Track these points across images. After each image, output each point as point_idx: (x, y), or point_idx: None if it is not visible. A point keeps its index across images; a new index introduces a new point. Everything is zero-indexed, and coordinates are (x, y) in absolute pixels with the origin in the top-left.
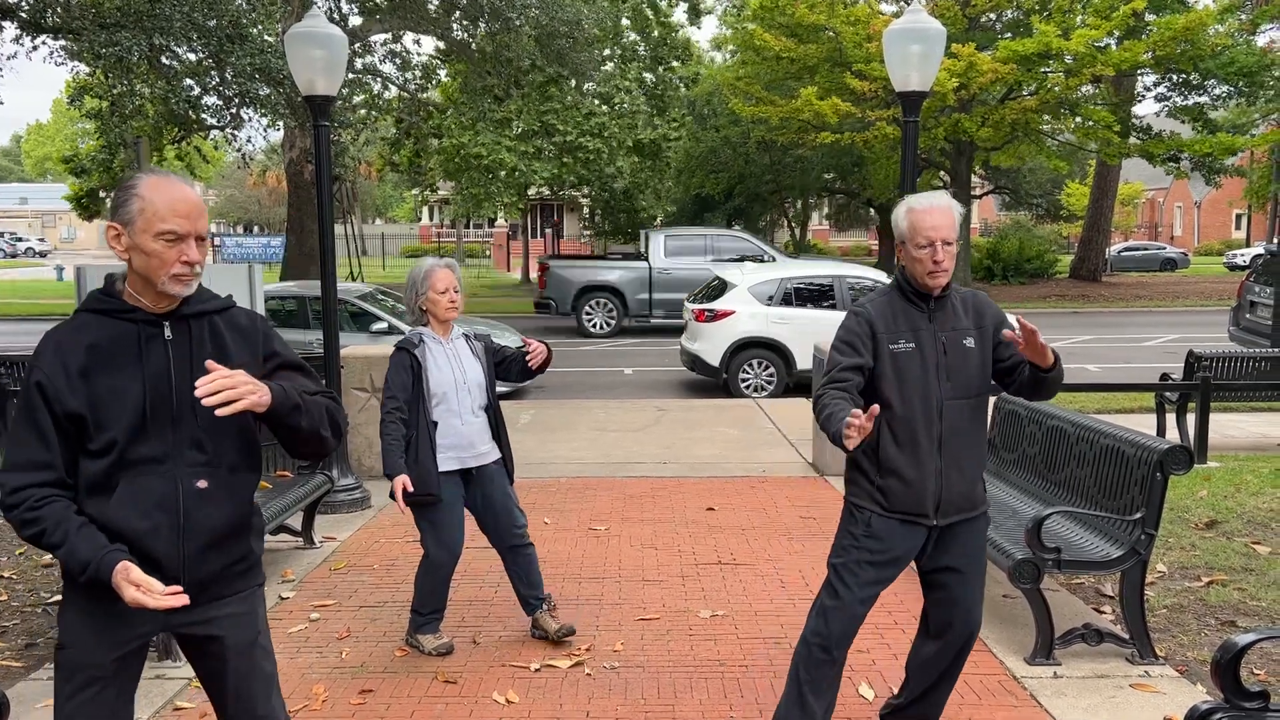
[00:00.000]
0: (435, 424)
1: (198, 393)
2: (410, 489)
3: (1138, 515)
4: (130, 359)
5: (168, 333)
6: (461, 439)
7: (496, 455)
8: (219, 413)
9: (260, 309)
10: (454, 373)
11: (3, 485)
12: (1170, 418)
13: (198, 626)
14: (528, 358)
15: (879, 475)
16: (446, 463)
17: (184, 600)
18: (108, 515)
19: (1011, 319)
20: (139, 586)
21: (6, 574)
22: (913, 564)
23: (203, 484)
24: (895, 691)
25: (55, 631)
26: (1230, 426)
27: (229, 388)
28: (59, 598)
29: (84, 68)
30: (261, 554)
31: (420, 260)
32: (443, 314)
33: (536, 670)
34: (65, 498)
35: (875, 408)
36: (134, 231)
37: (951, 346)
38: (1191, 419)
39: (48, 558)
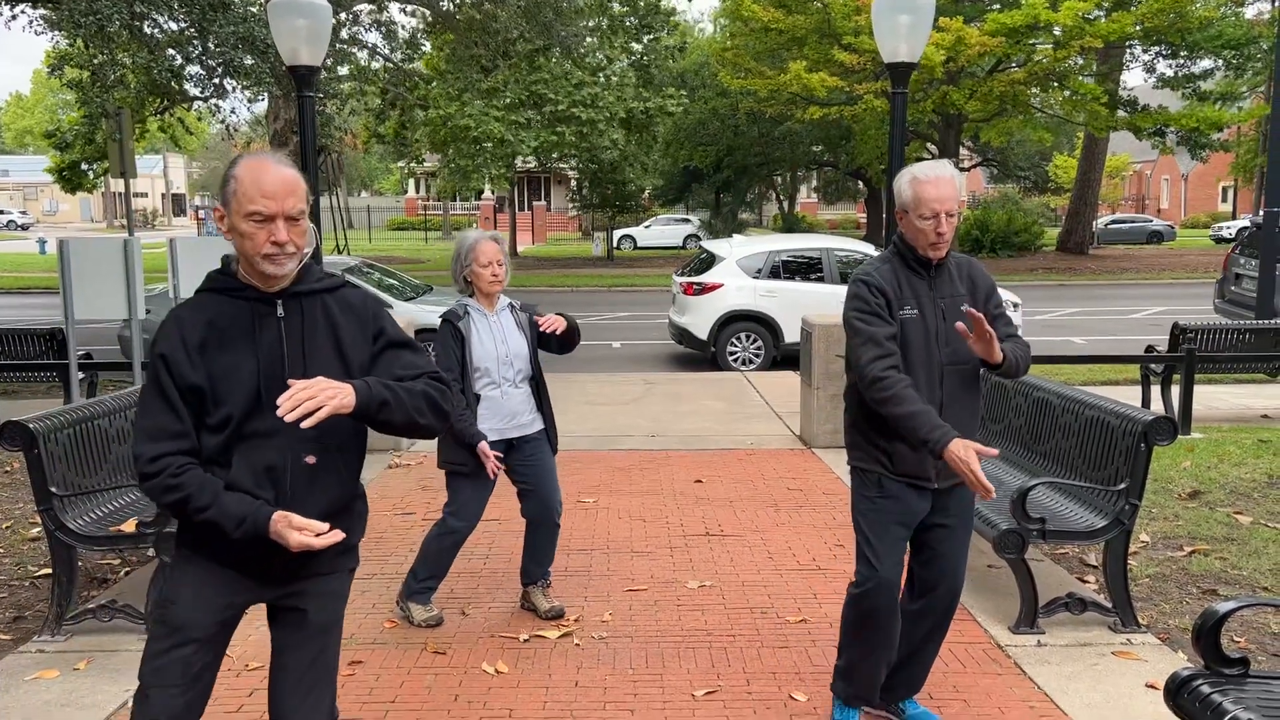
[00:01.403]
0: (478, 397)
1: (279, 412)
2: (491, 452)
3: (1122, 486)
4: (244, 337)
5: (280, 311)
6: (503, 411)
7: (540, 426)
8: (305, 424)
9: None
10: (496, 346)
11: (140, 455)
12: (1155, 389)
13: (290, 598)
14: (541, 328)
15: (884, 440)
16: (486, 434)
17: (339, 536)
18: (229, 482)
19: (1005, 294)
20: (302, 530)
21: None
22: None
23: (311, 460)
24: None
25: (44, 605)
26: (1214, 398)
27: (309, 398)
28: (46, 571)
29: (64, 37)
30: (361, 539)
31: (465, 232)
32: (486, 287)
33: (525, 641)
34: (199, 465)
35: (995, 450)
36: (230, 213)
37: (950, 313)
38: (1176, 390)
39: (34, 531)
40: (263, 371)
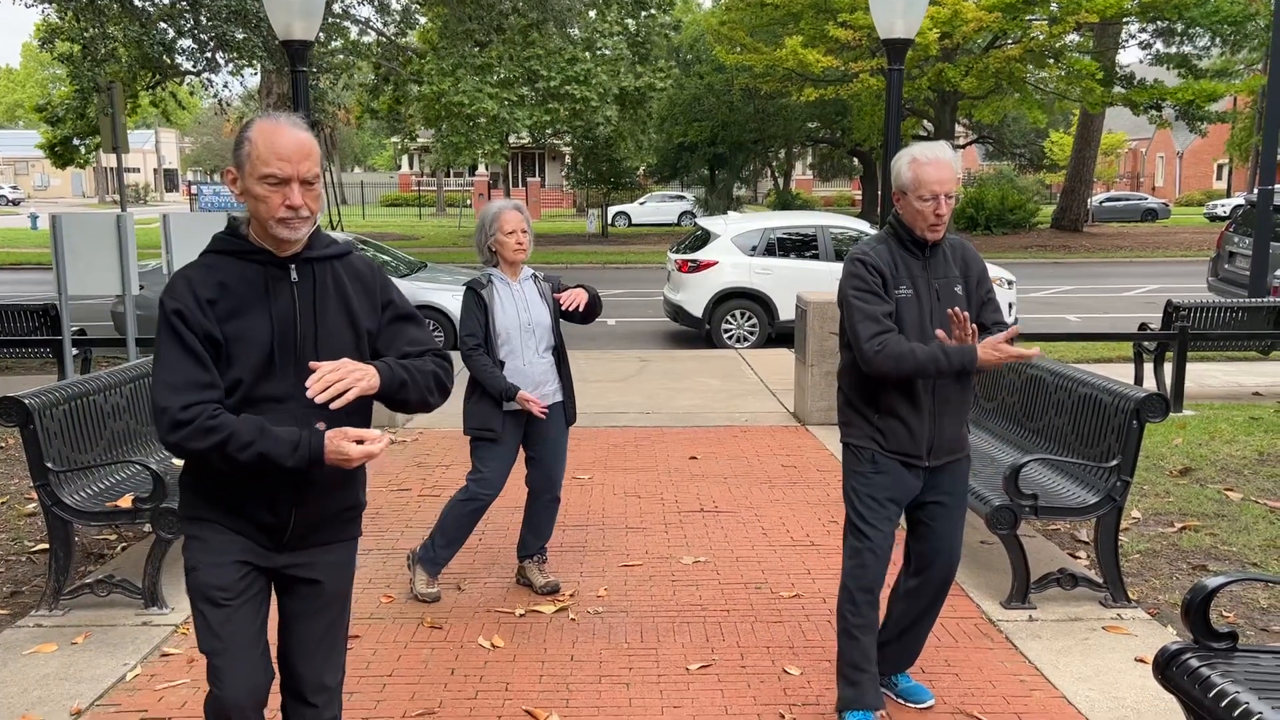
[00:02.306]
0: (502, 364)
1: (310, 393)
2: (530, 395)
3: (1114, 462)
4: (258, 300)
5: (294, 275)
6: (526, 380)
7: (560, 397)
8: (333, 405)
9: None
10: (519, 314)
11: (167, 408)
12: (1148, 367)
13: (304, 569)
14: (563, 306)
15: (878, 417)
16: (509, 403)
17: (388, 439)
18: None
19: (998, 271)
20: (361, 441)
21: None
22: None
23: (322, 426)
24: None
25: (41, 579)
26: (1206, 376)
27: (338, 380)
28: (43, 546)
29: (54, 10)
30: (365, 506)
31: (490, 202)
32: (510, 255)
33: (521, 615)
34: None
35: (1016, 328)
36: (244, 176)
37: (944, 294)
38: (1169, 368)
39: (30, 507)
40: (276, 336)
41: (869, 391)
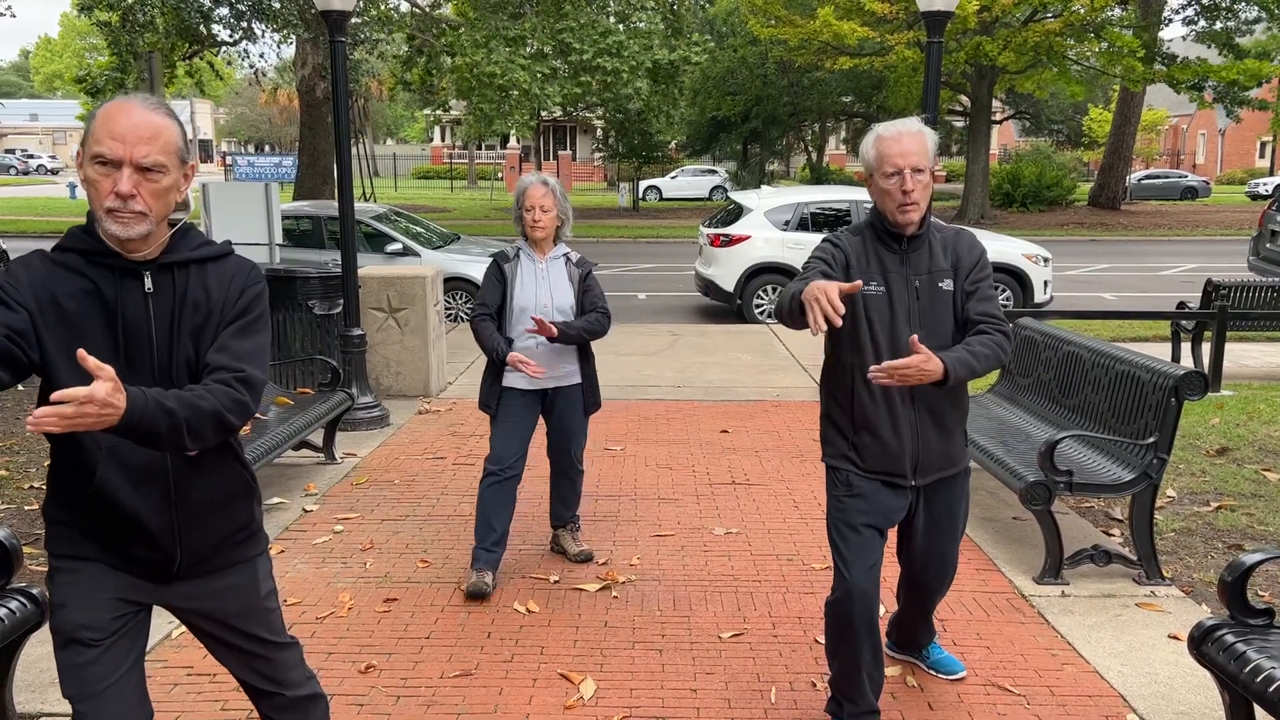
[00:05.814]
0: (510, 341)
1: (36, 412)
2: (520, 357)
3: (1151, 440)
4: (104, 310)
5: (148, 284)
6: (536, 360)
7: (577, 379)
8: (38, 428)
9: (278, 229)
10: (538, 294)
11: None
12: (1185, 346)
13: (195, 601)
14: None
15: (853, 432)
16: (515, 380)
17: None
18: (96, 489)
19: (1017, 245)
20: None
21: (39, 485)
22: None
23: (192, 450)
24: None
25: None
26: (1245, 355)
27: (73, 415)
28: None
29: None
30: (263, 520)
31: (524, 175)
32: (528, 231)
33: (556, 582)
34: None
35: (859, 284)
36: (84, 159)
37: (925, 291)
38: (1207, 348)
39: None
40: (123, 354)
41: (843, 401)
